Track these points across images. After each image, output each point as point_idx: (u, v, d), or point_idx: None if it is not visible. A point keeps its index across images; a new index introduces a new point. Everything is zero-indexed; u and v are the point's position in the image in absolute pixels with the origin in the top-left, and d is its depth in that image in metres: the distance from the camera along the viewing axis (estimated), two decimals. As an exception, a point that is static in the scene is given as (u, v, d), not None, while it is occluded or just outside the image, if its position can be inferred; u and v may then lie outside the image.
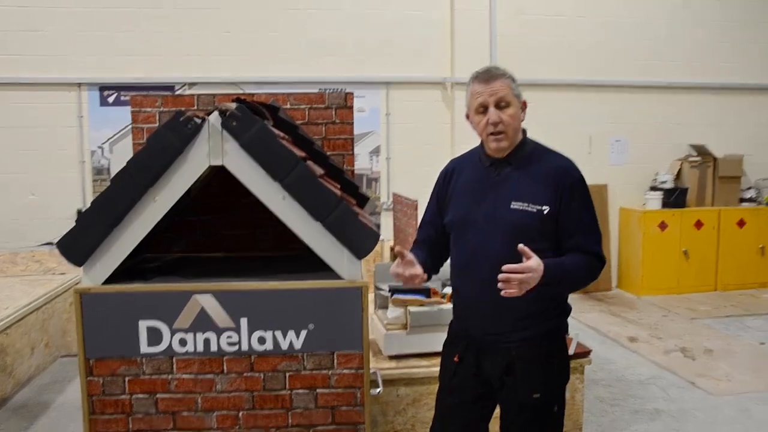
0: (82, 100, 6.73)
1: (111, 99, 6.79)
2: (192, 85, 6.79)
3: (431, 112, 7.20)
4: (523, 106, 2.21)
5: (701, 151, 7.44)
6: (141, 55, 6.69)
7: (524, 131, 2.26)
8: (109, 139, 6.82)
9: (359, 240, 2.37)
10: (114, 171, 6.79)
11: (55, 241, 6.84)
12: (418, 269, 2.19)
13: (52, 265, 5.81)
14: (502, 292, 1.99)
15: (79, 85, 6.69)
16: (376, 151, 7.17)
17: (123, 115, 6.76)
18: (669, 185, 7.31)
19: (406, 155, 7.17)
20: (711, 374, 4.67)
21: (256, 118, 2.31)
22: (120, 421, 2.39)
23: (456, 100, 7.09)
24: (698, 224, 7.24)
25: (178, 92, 6.73)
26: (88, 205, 6.52)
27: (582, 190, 2.19)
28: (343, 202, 2.35)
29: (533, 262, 1.98)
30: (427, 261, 2.30)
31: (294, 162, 2.32)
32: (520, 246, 2.00)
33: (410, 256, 2.19)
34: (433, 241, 2.39)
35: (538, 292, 2.07)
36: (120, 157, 6.79)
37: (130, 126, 6.76)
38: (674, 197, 7.20)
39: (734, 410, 4.07)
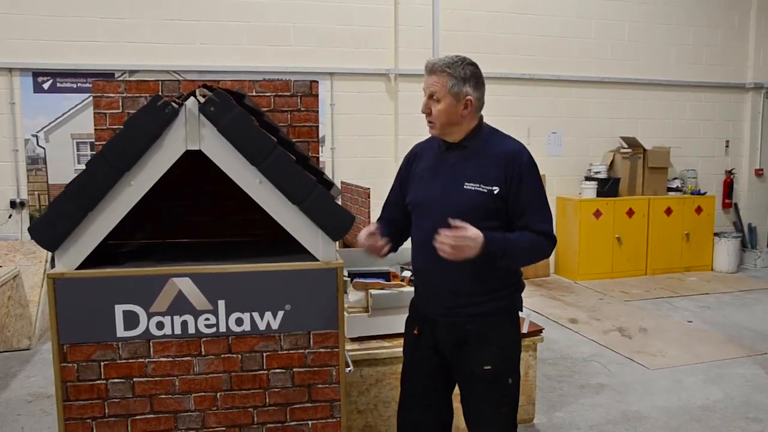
0: (13, 86, 6.48)
1: (46, 85, 6.56)
2: (133, 72, 6.64)
3: (375, 102, 7.30)
4: (467, 102, 2.31)
5: (632, 143, 7.85)
6: (79, 40, 6.49)
7: (481, 117, 2.39)
8: (44, 128, 6.58)
9: (335, 222, 2.44)
10: (51, 160, 6.59)
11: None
12: (383, 240, 2.39)
13: (-14, 259, 5.58)
14: (440, 252, 2.15)
15: (11, 70, 6.43)
16: (321, 141, 7.21)
17: (59, 103, 6.57)
18: (603, 175, 7.69)
19: (351, 145, 7.25)
20: (646, 351, 4.99)
21: (233, 104, 2.34)
22: (95, 406, 2.38)
23: (399, 91, 7.23)
24: (630, 212, 7.65)
25: (119, 79, 6.55)
26: (23, 196, 6.37)
27: (530, 172, 2.31)
28: (319, 186, 2.41)
29: (468, 232, 2.14)
30: (390, 237, 2.46)
31: (271, 147, 2.37)
32: (452, 221, 2.16)
33: (374, 227, 2.40)
34: (396, 219, 2.55)
35: (490, 268, 2.25)
36: (57, 146, 6.58)
37: (68, 113, 6.60)
38: (608, 187, 7.58)
39: (669, 382, 4.38)
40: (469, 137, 2.36)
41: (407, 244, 2.59)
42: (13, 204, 6.51)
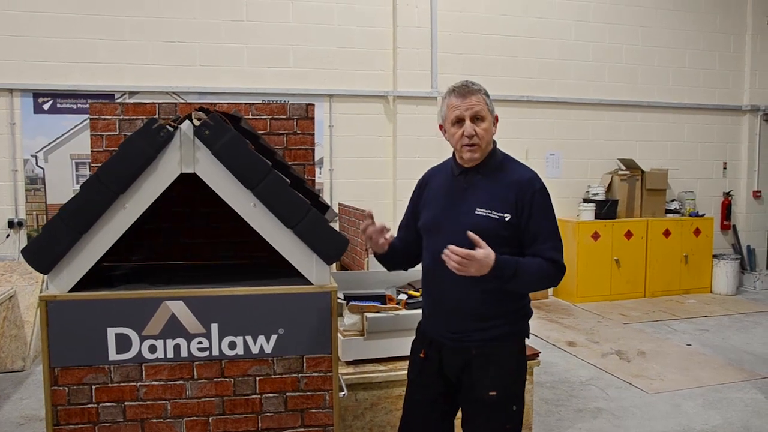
0: (14, 106, 6.51)
1: (46, 106, 6.59)
2: (133, 93, 6.69)
3: (374, 124, 7.33)
4: (495, 120, 2.34)
5: (630, 165, 7.86)
6: (79, 62, 6.54)
7: (494, 142, 2.39)
8: (43, 148, 6.61)
9: (328, 246, 2.44)
10: (49, 180, 6.60)
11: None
12: (384, 239, 2.39)
13: (-18, 279, 5.56)
14: (447, 264, 2.15)
15: (11, 90, 6.47)
16: (319, 163, 7.23)
17: (59, 123, 6.61)
18: (601, 197, 7.69)
19: (349, 167, 7.27)
20: (645, 374, 4.95)
21: (228, 127, 2.35)
22: (86, 430, 2.36)
23: (398, 113, 7.26)
24: (628, 234, 7.64)
25: (118, 100, 6.60)
26: (21, 216, 6.37)
27: (542, 200, 2.31)
28: (313, 209, 2.41)
29: (479, 253, 2.13)
30: (398, 247, 2.51)
31: (266, 170, 2.37)
32: (470, 234, 2.16)
33: (381, 224, 2.40)
34: (408, 242, 2.55)
35: (498, 292, 2.25)
36: (56, 166, 6.60)
37: (67, 134, 6.63)
38: (606, 209, 7.57)
39: (668, 406, 4.34)
40: (483, 163, 2.35)
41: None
42: (11, 224, 6.51)
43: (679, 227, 7.91)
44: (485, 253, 2.14)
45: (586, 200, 7.78)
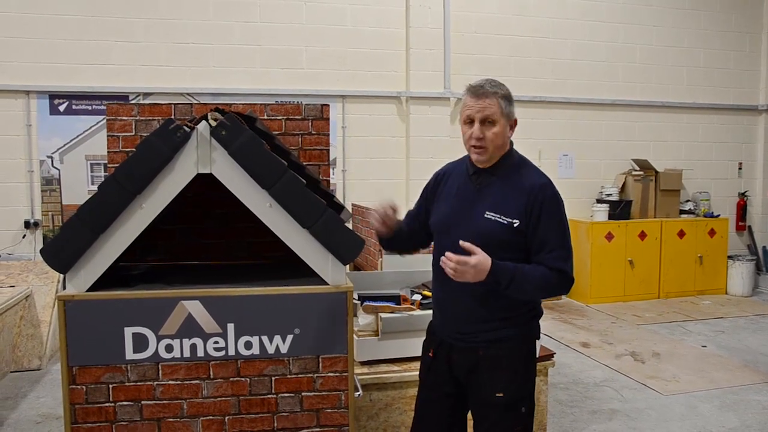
0: (30, 108, 6.58)
1: (62, 107, 6.65)
2: (147, 95, 6.73)
3: (387, 125, 7.34)
4: (513, 123, 2.30)
5: (643, 165, 7.81)
6: (94, 63, 6.59)
7: (511, 143, 2.37)
8: (59, 149, 6.67)
9: (345, 246, 2.44)
10: (65, 181, 6.65)
11: (1, 252, 6.56)
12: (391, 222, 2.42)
13: (0, 278, 5.61)
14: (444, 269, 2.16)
15: (28, 92, 6.54)
16: (332, 164, 7.24)
17: (74, 125, 6.66)
18: (614, 198, 7.65)
19: (363, 167, 7.28)
20: (660, 376, 4.91)
21: (244, 128, 2.36)
22: (103, 429, 2.38)
23: (411, 114, 7.26)
24: (642, 235, 7.59)
25: (132, 101, 6.65)
26: (37, 216, 6.43)
27: (553, 208, 2.27)
28: (330, 210, 2.42)
29: (472, 259, 2.12)
30: (404, 230, 2.53)
31: (282, 171, 2.38)
32: (462, 243, 2.16)
33: (394, 220, 2.43)
34: (413, 230, 2.56)
35: (503, 294, 2.22)
36: (71, 167, 6.65)
37: (82, 135, 6.67)
38: (620, 209, 7.53)
39: (683, 408, 4.31)
40: (498, 164, 2.33)
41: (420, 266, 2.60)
42: (27, 224, 6.57)
43: (693, 228, 7.85)
44: (478, 259, 2.13)
45: (599, 201, 7.74)
